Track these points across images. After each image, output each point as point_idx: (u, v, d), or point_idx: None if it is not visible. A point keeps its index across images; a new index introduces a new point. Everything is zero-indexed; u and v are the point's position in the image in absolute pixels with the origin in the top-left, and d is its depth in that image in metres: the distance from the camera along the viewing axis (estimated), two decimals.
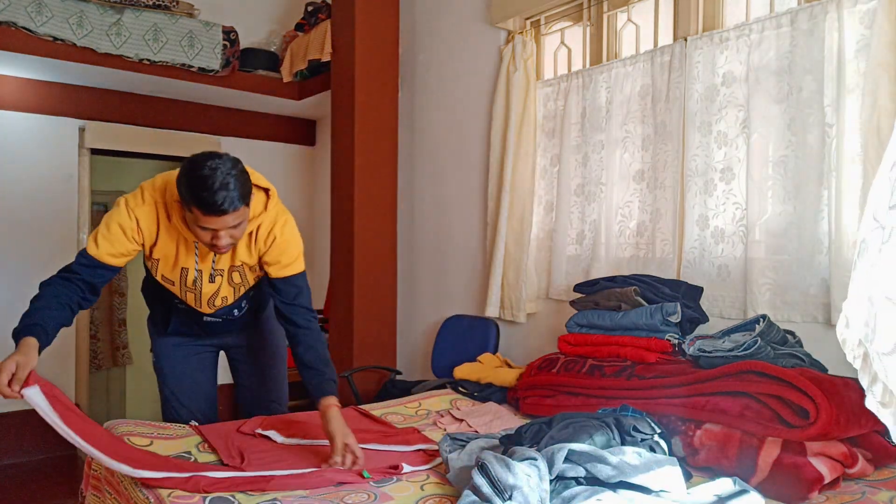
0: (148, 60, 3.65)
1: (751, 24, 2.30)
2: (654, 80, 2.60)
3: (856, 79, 2.04)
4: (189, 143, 4.44)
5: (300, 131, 4.98)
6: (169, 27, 3.69)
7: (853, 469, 1.62)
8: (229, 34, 3.93)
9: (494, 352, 3.09)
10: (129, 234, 1.82)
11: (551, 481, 1.39)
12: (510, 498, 1.29)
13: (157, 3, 3.65)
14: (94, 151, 4.16)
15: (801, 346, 2.03)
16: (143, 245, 1.87)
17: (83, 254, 1.82)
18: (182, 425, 2.06)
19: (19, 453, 3.85)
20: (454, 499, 1.49)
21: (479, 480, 1.34)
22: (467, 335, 3.29)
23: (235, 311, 2.12)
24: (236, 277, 1.98)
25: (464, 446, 1.75)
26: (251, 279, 2.02)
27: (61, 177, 4.00)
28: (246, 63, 4.15)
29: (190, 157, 1.68)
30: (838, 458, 1.59)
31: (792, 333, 2.05)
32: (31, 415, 3.96)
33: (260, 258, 1.94)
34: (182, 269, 1.92)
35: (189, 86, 3.99)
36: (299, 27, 4.15)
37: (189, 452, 1.84)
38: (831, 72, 2.07)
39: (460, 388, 2.62)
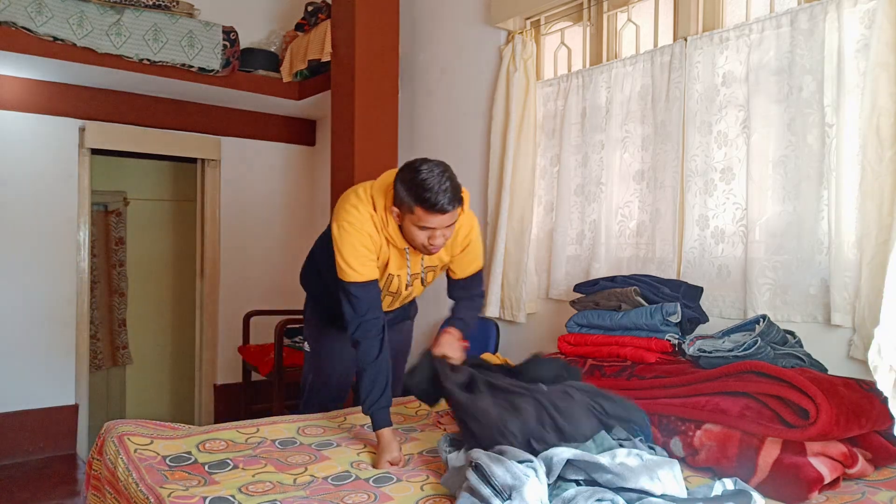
0: (148, 60, 3.65)
1: (751, 24, 2.30)
2: (654, 80, 2.60)
3: (856, 79, 2.04)
4: (189, 143, 4.44)
5: (300, 131, 4.98)
6: (169, 27, 3.69)
7: (853, 469, 1.62)
8: (229, 34, 3.93)
9: (494, 352, 3.09)
10: (368, 248, 1.95)
11: (550, 483, 1.39)
12: (509, 498, 1.29)
13: (157, 3, 3.65)
14: (94, 151, 4.16)
15: (801, 346, 2.03)
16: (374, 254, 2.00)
17: (354, 286, 1.93)
18: (182, 425, 2.06)
19: (19, 453, 3.85)
20: (454, 499, 1.49)
21: (477, 481, 1.34)
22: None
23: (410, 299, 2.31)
24: (429, 277, 2.17)
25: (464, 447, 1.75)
26: (438, 274, 2.21)
27: (61, 177, 4.00)
28: (246, 63, 4.15)
29: (406, 164, 1.87)
30: (838, 458, 1.59)
31: (792, 333, 2.06)
32: (32, 415, 3.98)
33: (447, 264, 2.15)
34: (389, 275, 2.07)
35: (189, 86, 3.99)
36: (299, 27, 4.15)
37: (189, 453, 1.84)
38: (831, 72, 2.07)
39: None
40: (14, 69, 3.67)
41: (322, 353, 2.42)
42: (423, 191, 1.79)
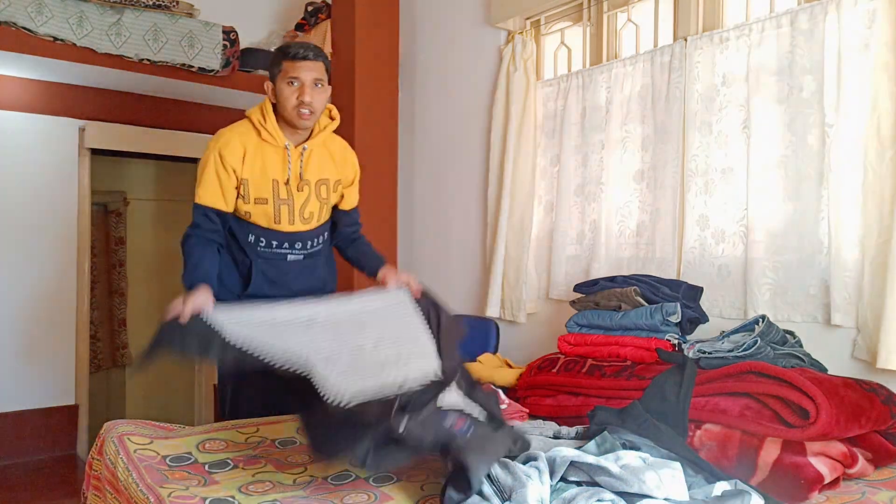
0: (148, 60, 3.65)
1: (751, 24, 2.30)
2: (654, 80, 2.60)
3: (856, 79, 2.04)
4: (189, 143, 4.43)
5: None
6: (169, 27, 3.69)
7: (853, 469, 1.62)
8: (229, 34, 3.92)
9: (494, 352, 3.09)
10: (220, 171, 2.08)
11: (552, 484, 1.39)
12: (509, 498, 1.29)
13: (157, 3, 3.65)
14: (94, 151, 4.16)
15: (801, 346, 2.03)
16: (233, 173, 2.09)
17: (196, 207, 2.11)
18: (182, 426, 2.06)
19: (19, 453, 3.85)
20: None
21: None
22: (467, 335, 3.28)
23: (318, 239, 2.28)
24: (323, 192, 2.20)
25: None
26: (333, 199, 2.27)
27: (61, 177, 4.00)
28: (246, 63, 4.15)
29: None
30: (838, 458, 1.59)
31: (792, 333, 2.06)
32: (31, 415, 3.98)
33: (338, 182, 2.25)
34: (273, 181, 2.11)
35: (189, 86, 3.98)
36: (299, 27, 4.15)
37: (190, 453, 1.84)
38: (831, 72, 2.07)
39: None
40: (14, 69, 3.67)
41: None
42: (286, 47, 2.04)
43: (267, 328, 1.67)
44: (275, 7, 4.71)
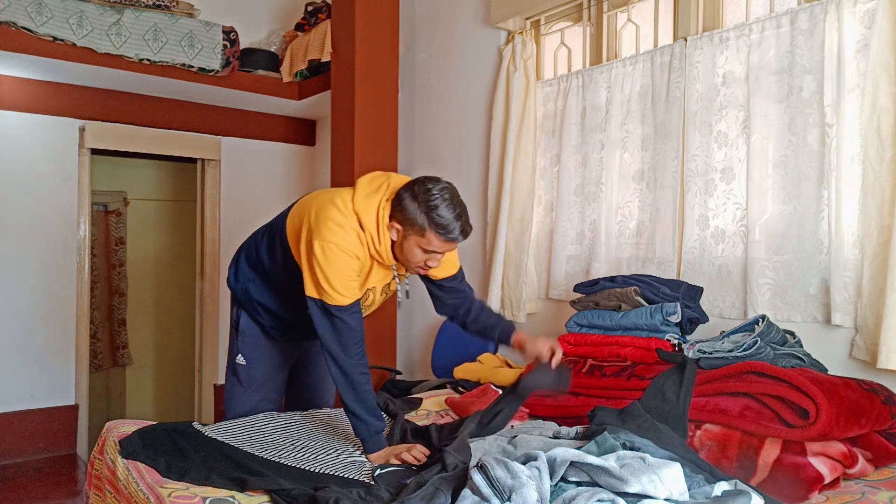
0: (148, 60, 3.65)
1: (751, 24, 2.30)
2: (653, 80, 2.60)
3: (856, 79, 2.04)
4: (189, 143, 4.44)
5: (300, 131, 4.98)
6: (169, 27, 3.69)
7: (853, 469, 1.62)
8: (229, 34, 3.92)
9: (494, 352, 3.09)
10: (356, 270, 1.85)
11: (552, 484, 1.39)
12: (509, 499, 1.29)
13: (157, 3, 3.65)
14: (94, 151, 4.16)
15: (801, 346, 2.03)
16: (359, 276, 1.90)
17: (340, 309, 1.82)
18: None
19: (19, 453, 3.85)
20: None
21: (479, 480, 1.34)
22: (467, 335, 3.27)
23: None
24: (395, 285, 2.04)
25: None
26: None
27: (61, 177, 4.00)
28: (246, 63, 4.15)
29: (419, 182, 1.80)
30: (838, 458, 1.59)
31: (792, 333, 2.06)
32: (31, 415, 3.98)
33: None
34: (368, 290, 1.96)
35: (189, 86, 3.98)
36: (299, 27, 4.15)
37: None
38: (831, 72, 2.07)
39: (460, 388, 2.62)
40: (14, 69, 3.66)
41: (262, 368, 2.22)
42: (439, 217, 1.74)
43: None
44: (275, 7, 4.71)
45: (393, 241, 1.85)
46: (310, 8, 4.05)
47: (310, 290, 1.84)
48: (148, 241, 5.52)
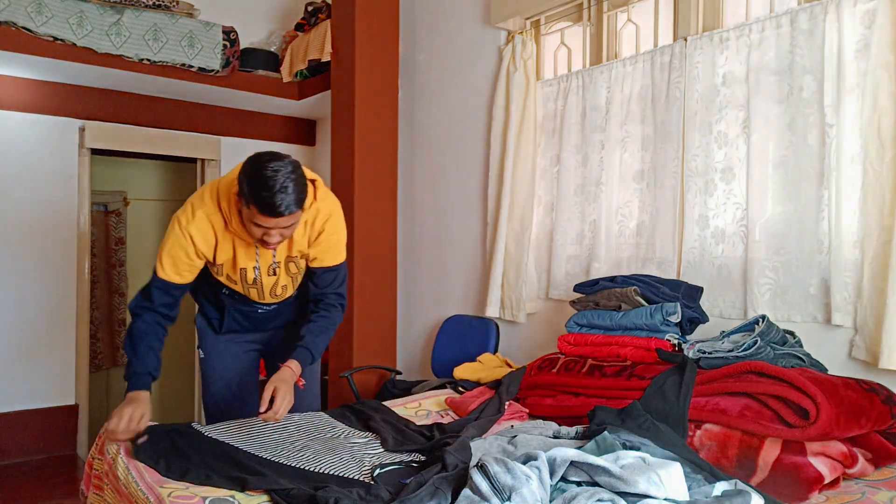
0: (148, 60, 3.65)
1: (751, 24, 2.30)
2: (653, 80, 2.60)
3: (856, 79, 2.04)
4: (189, 143, 4.44)
5: (300, 131, 4.98)
6: (169, 27, 3.69)
7: (853, 469, 1.62)
8: (229, 34, 3.93)
9: (494, 352, 3.09)
10: (189, 253, 1.94)
11: (552, 484, 1.39)
12: (508, 499, 1.29)
13: (157, 3, 3.65)
14: (94, 151, 4.16)
15: (801, 346, 2.03)
16: (204, 257, 1.98)
17: (155, 278, 1.98)
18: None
19: (19, 453, 3.85)
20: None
21: (479, 480, 1.34)
22: (467, 335, 3.29)
23: (291, 298, 2.23)
24: (292, 268, 2.08)
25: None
26: (304, 266, 2.12)
27: (61, 177, 4.00)
28: (246, 63, 4.15)
29: (254, 155, 1.79)
30: (838, 458, 1.59)
31: (792, 333, 2.06)
32: (31, 415, 3.97)
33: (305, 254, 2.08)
34: (241, 269, 2.02)
35: (189, 86, 3.99)
36: (299, 27, 4.15)
37: None
38: (831, 72, 2.07)
39: (460, 388, 2.62)
40: (14, 69, 3.67)
41: (214, 358, 2.31)
42: (260, 189, 1.71)
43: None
44: (275, 7, 4.71)
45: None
46: (310, 8, 4.05)
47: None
48: (148, 241, 5.51)
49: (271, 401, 1.82)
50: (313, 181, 1.98)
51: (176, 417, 4.58)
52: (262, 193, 1.70)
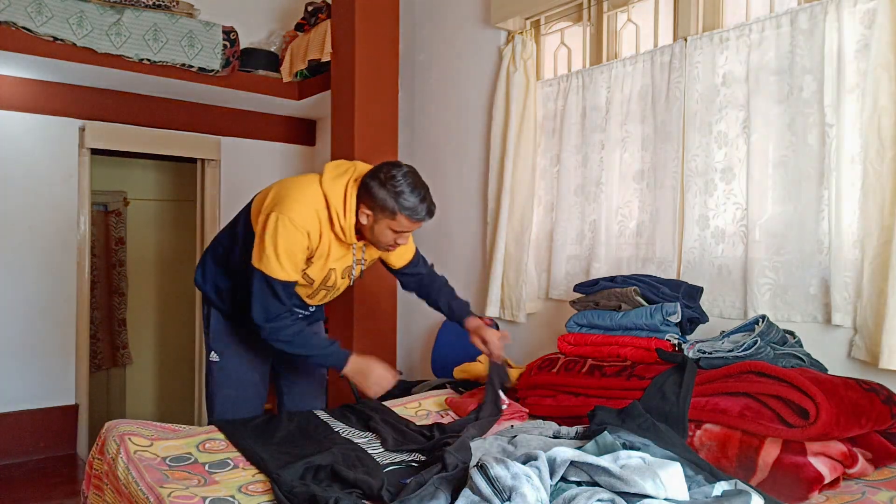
0: (148, 60, 3.65)
1: (751, 24, 2.30)
2: (653, 80, 2.60)
3: (856, 79, 2.04)
4: (189, 143, 4.44)
5: (300, 131, 4.98)
6: (169, 27, 3.69)
7: (853, 469, 1.62)
8: (229, 34, 3.93)
9: None
10: (304, 249, 1.97)
11: (552, 484, 1.39)
12: (508, 499, 1.29)
13: (157, 3, 3.65)
14: (94, 151, 4.16)
15: (801, 346, 2.03)
16: (309, 255, 2.01)
17: (275, 282, 1.94)
18: (183, 426, 2.06)
19: (19, 453, 3.85)
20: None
21: (479, 480, 1.34)
22: (467, 335, 3.28)
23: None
24: (357, 271, 2.18)
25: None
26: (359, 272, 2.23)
27: (61, 177, 4.00)
28: (246, 63, 4.15)
29: (383, 170, 1.94)
30: (838, 458, 1.59)
31: (792, 333, 2.06)
32: (31, 415, 3.97)
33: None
34: (330, 269, 2.07)
35: (189, 86, 3.99)
36: (299, 27, 4.15)
37: (190, 454, 1.84)
38: (831, 72, 2.07)
39: (460, 388, 2.62)
40: (14, 69, 3.67)
41: (234, 363, 2.25)
42: (406, 200, 1.90)
43: None
44: (275, 7, 4.71)
45: (363, 225, 1.99)
46: (310, 8, 4.05)
47: (255, 259, 1.95)
48: (148, 241, 5.52)
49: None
50: None
51: (176, 418, 4.58)
52: (408, 203, 1.90)
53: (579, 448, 1.51)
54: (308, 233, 1.94)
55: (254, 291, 1.95)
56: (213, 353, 2.27)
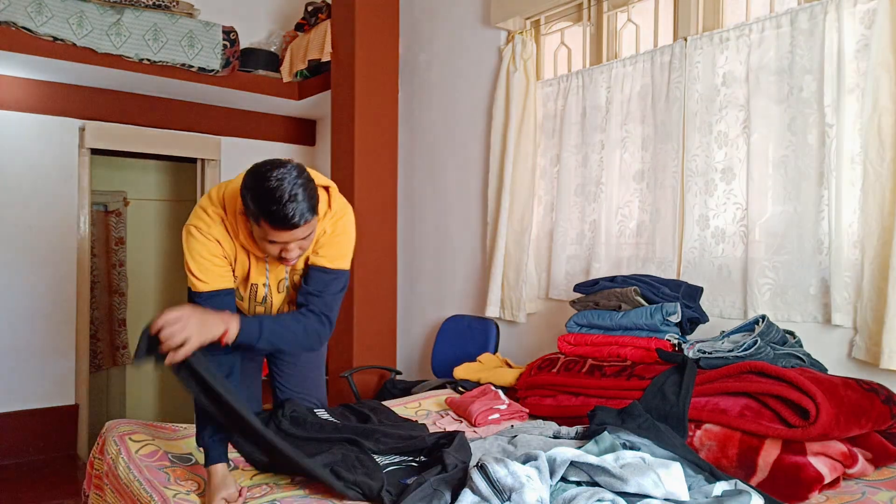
0: (148, 60, 3.65)
1: (751, 24, 2.30)
2: (653, 80, 2.60)
3: (856, 79, 2.04)
4: (189, 143, 4.44)
5: (300, 131, 4.98)
6: (169, 27, 3.69)
7: (853, 469, 1.62)
8: (229, 34, 3.93)
9: (494, 352, 3.09)
10: (218, 254, 1.73)
11: (552, 484, 1.39)
12: (508, 499, 1.29)
13: (157, 3, 3.65)
14: (94, 151, 4.16)
15: (801, 346, 2.03)
16: (229, 264, 1.77)
17: (198, 295, 1.72)
18: (183, 426, 2.06)
19: (19, 453, 3.85)
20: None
21: (479, 480, 1.34)
22: (467, 335, 3.29)
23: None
24: (296, 278, 1.89)
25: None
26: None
27: (61, 177, 4.00)
28: (246, 63, 4.15)
29: (253, 167, 1.61)
30: (838, 458, 1.59)
31: (792, 333, 2.06)
32: (31, 415, 3.97)
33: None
34: (252, 285, 1.83)
35: (189, 86, 3.99)
36: (299, 27, 4.15)
37: (190, 454, 1.85)
38: (831, 72, 2.07)
39: (460, 388, 2.62)
40: (14, 69, 3.66)
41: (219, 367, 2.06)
42: (269, 203, 1.53)
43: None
44: (275, 7, 4.71)
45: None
46: (310, 8, 4.05)
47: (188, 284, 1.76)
48: (148, 241, 5.52)
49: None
50: (327, 188, 1.81)
51: (176, 418, 4.58)
52: (272, 207, 1.53)
53: (579, 448, 1.51)
54: (217, 238, 1.73)
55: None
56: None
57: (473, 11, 3.42)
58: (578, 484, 1.41)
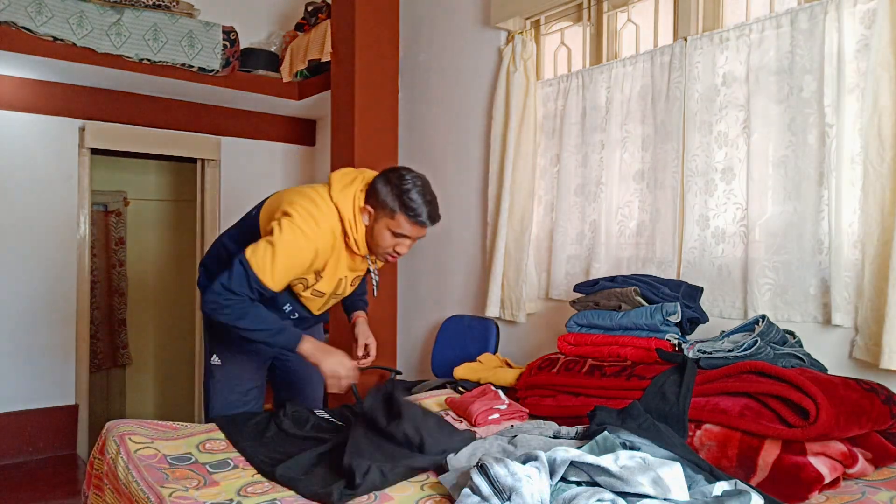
0: (148, 60, 3.65)
1: (751, 24, 2.30)
2: (654, 80, 2.60)
3: (856, 79, 2.04)
4: (189, 143, 4.44)
5: (300, 131, 4.98)
6: (169, 27, 3.69)
7: (853, 469, 1.62)
8: (229, 34, 3.93)
9: (494, 352, 3.09)
10: (306, 268, 1.92)
11: (552, 484, 1.39)
12: (508, 499, 1.29)
13: (157, 3, 3.65)
14: (94, 151, 4.17)
15: (801, 346, 2.03)
16: (314, 272, 1.97)
17: (255, 278, 1.82)
18: (183, 425, 2.06)
19: (19, 453, 3.85)
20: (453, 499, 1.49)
21: (479, 480, 1.34)
22: (467, 335, 3.28)
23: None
24: (374, 278, 2.16)
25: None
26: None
27: (61, 177, 4.00)
28: (246, 63, 4.15)
29: (395, 169, 1.91)
30: (838, 458, 1.59)
31: (792, 333, 2.06)
32: (31, 415, 3.97)
33: None
34: (340, 279, 2.05)
35: (189, 86, 3.99)
36: (299, 27, 4.15)
37: (190, 453, 1.84)
38: (831, 72, 2.07)
39: (460, 388, 2.62)
40: (14, 69, 3.67)
41: (236, 367, 2.23)
42: (409, 200, 1.84)
43: None
44: (275, 7, 4.71)
45: (366, 228, 1.94)
46: (310, 8, 4.05)
47: (249, 251, 1.85)
48: (148, 241, 5.52)
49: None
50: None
51: (176, 418, 4.58)
52: (412, 203, 1.83)
53: (579, 448, 1.51)
54: (317, 249, 1.88)
55: (233, 266, 1.84)
56: (214, 356, 2.25)
57: (473, 11, 3.42)
58: (578, 484, 1.41)
